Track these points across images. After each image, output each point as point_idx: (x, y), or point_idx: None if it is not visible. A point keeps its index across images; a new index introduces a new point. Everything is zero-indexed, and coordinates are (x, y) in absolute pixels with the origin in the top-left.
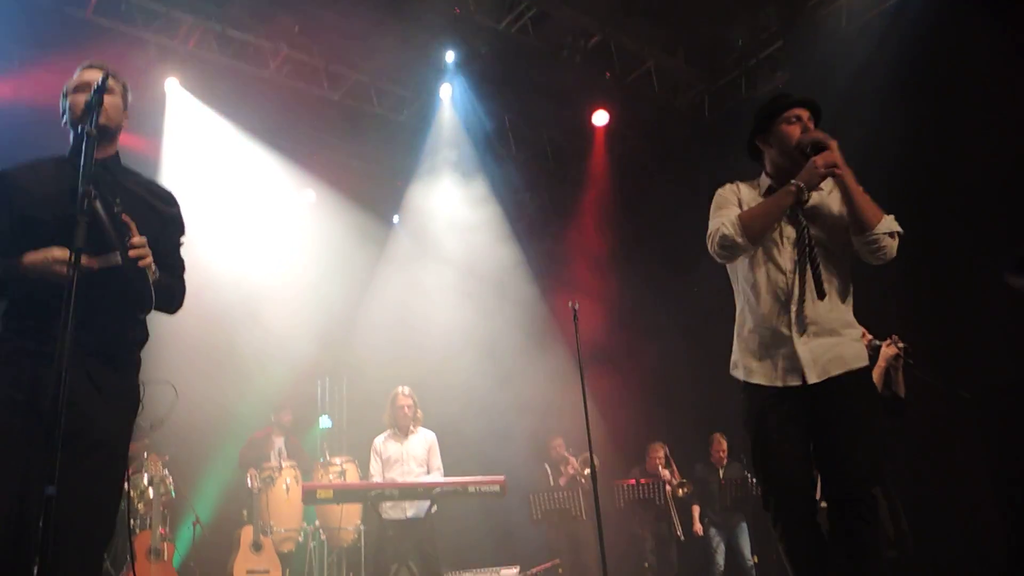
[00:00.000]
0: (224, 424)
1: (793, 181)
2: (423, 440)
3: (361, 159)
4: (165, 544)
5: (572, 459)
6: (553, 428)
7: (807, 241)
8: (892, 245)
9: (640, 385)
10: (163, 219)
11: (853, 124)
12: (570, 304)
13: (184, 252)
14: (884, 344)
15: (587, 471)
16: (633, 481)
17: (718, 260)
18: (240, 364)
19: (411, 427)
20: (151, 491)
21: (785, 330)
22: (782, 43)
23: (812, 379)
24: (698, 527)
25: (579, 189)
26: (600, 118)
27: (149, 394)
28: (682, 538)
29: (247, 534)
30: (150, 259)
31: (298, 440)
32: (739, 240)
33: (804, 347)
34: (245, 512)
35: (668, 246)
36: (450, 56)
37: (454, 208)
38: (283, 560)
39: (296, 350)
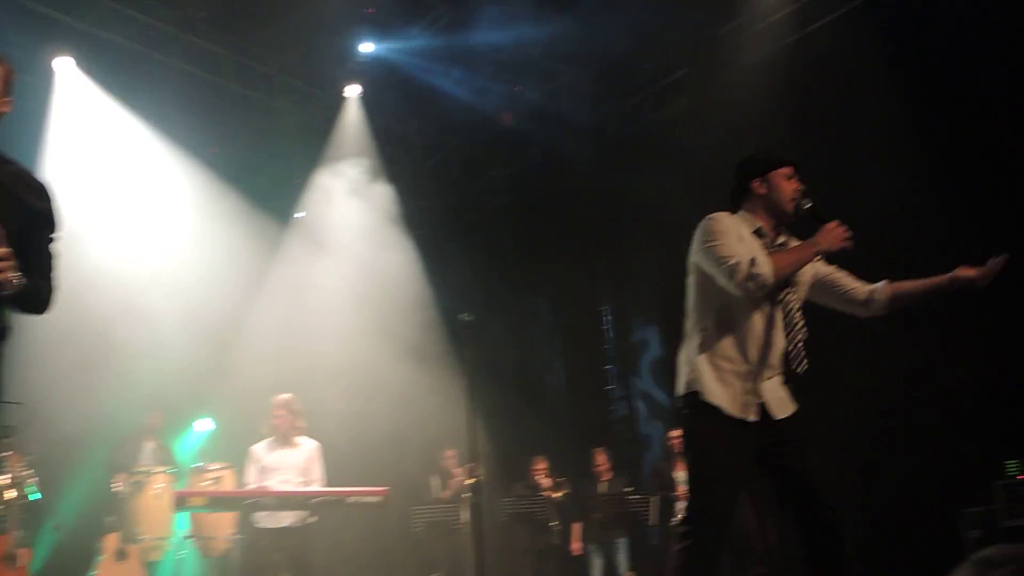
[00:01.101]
0: (95, 425)
1: (816, 241)
2: (304, 449)
3: (261, 154)
4: (22, 550)
5: (457, 471)
6: (445, 440)
7: (793, 292)
8: None
9: (527, 400)
10: (33, 214)
11: (747, 153)
12: (462, 316)
13: (62, 245)
14: None
15: (470, 482)
16: (516, 496)
17: (737, 291)
18: (116, 362)
19: (291, 436)
20: (11, 492)
21: (758, 369)
22: (688, 70)
23: (778, 416)
24: (576, 545)
25: (482, 200)
26: (505, 123)
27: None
28: (559, 528)
29: (111, 542)
30: (9, 274)
31: (171, 445)
32: (771, 282)
33: (765, 386)
34: (111, 518)
35: (566, 259)
36: (362, 52)
37: (353, 211)
38: (149, 570)
39: (178, 350)
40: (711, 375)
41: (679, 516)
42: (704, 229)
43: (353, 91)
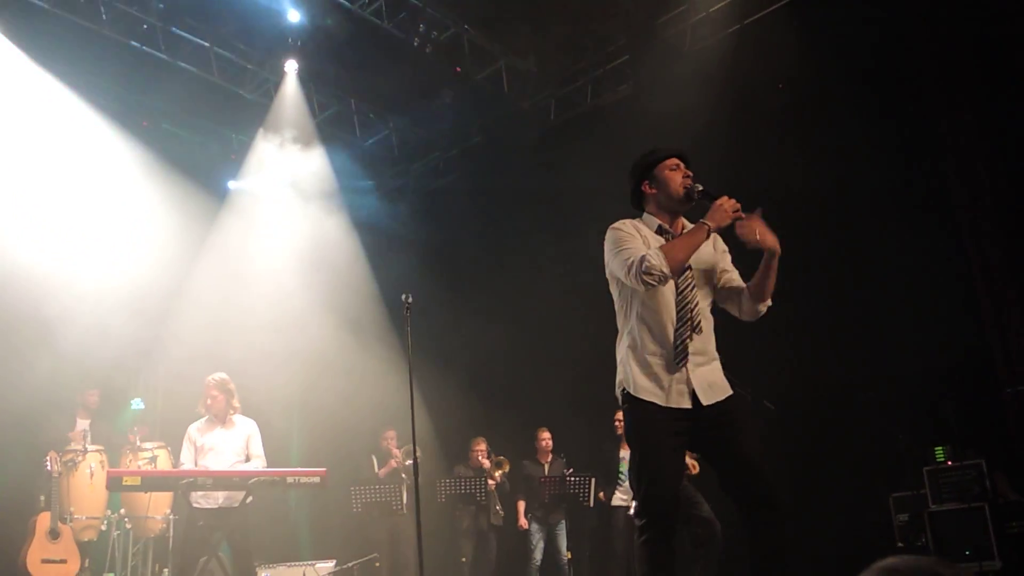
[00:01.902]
0: (27, 402)
1: (704, 221)
2: (241, 429)
3: (194, 130)
4: None
5: (397, 451)
6: (386, 420)
7: (690, 280)
8: None
9: (469, 381)
10: None
11: (686, 141)
12: (403, 297)
13: None
14: None
15: (409, 463)
16: (457, 476)
17: (639, 287)
18: (49, 339)
19: (228, 415)
20: None
21: (678, 358)
22: (628, 57)
23: (706, 402)
24: (523, 521)
25: (421, 180)
26: (443, 108)
27: None
28: (501, 514)
29: (43, 521)
30: None
31: (107, 423)
32: (665, 270)
33: (694, 374)
34: (43, 497)
35: (502, 244)
36: (296, 30)
37: (291, 190)
38: (83, 549)
39: (112, 327)
40: (639, 371)
41: (623, 501)
42: (609, 238)
43: (291, 67)
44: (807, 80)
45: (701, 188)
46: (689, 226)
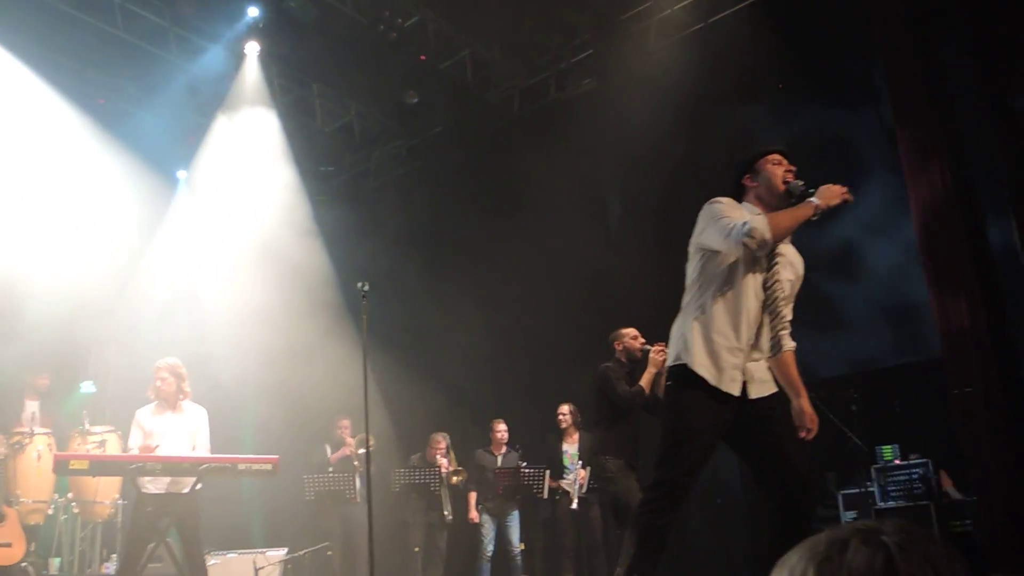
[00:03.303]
0: None
1: (813, 200)
2: (191, 415)
3: (150, 109)
4: None
5: (350, 440)
6: (341, 409)
7: (776, 278)
8: None
9: (426, 371)
10: None
11: (649, 137)
12: (359, 285)
13: None
14: (653, 349)
15: (362, 451)
16: (411, 466)
17: (737, 249)
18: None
19: (177, 401)
20: None
21: (747, 348)
22: (593, 51)
23: (754, 396)
24: (473, 514)
25: (383, 167)
26: (406, 96)
27: None
28: (450, 519)
29: None
30: None
31: (56, 406)
32: (767, 236)
33: (750, 365)
34: None
35: (462, 234)
36: (254, 11)
37: (249, 174)
38: (29, 533)
39: (61, 309)
40: (702, 348)
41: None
42: (707, 211)
43: (252, 49)
44: (769, 78)
45: (802, 184)
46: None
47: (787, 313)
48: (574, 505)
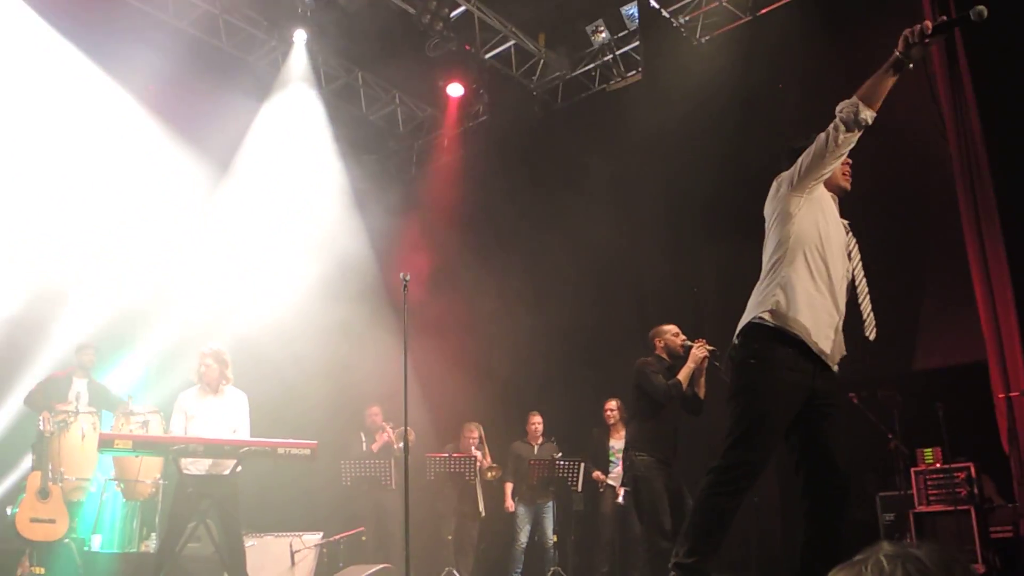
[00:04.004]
0: (23, 360)
1: (897, 52)
2: (232, 400)
3: (200, 96)
4: None
5: (388, 427)
6: (373, 397)
7: (857, 260)
8: None
9: (462, 362)
10: None
11: (693, 131)
12: (401, 275)
13: None
14: (695, 345)
15: (400, 444)
16: (446, 454)
17: (848, 136)
18: (48, 296)
19: (220, 386)
20: None
21: (838, 312)
22: (638, 44)
23: (832, 365)
24: (509, 503)
25: (425, 157)
26: (455, 90)
27: None
28: (483, 515)
29: (34, 480)
30: None
31: (101, 385)
32: (871, 107)
33: (837, 335)
34: (34, 457)
35: (505, 226)
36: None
37: (293, 161)
38: (72, 510)
39: (110, 290)
40: (803, 300)
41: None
42: (787, 174)
43: (300, 36)
44: (817, 75)
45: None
46: (844, 221)
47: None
48: (620, 499)
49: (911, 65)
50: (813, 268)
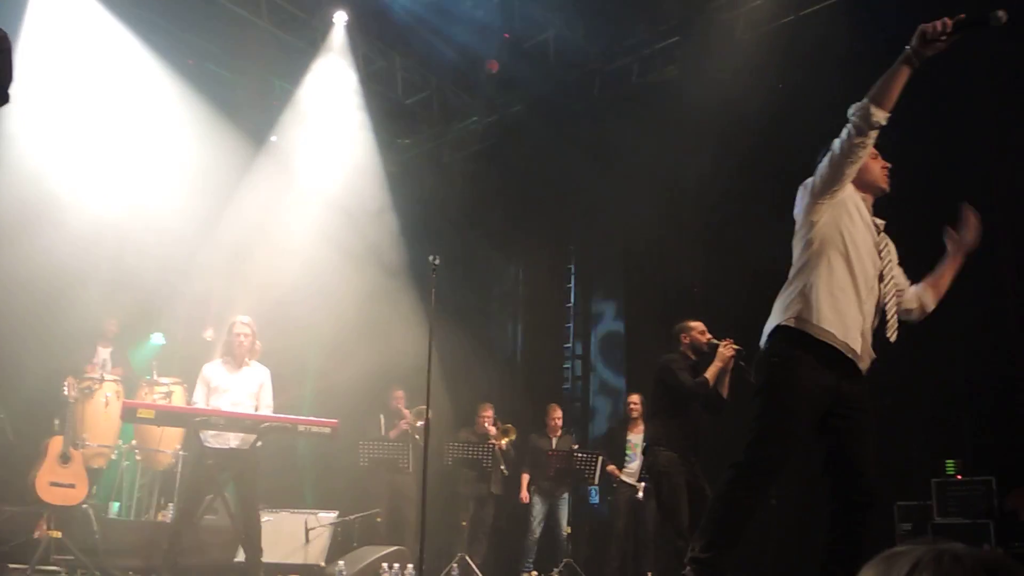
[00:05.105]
0: (47, 327)
1: (908, 47)
2: (256, 374)
3: (239, 73)
4: None
5: (407, 413)
6: (397, 379)
7: (885, 243)
8: None
9: (486, 350)
10: None
11: (730, 128)
12: (430, 258)
13: (27, 147)
14: (722, 344)
15: (420, 423)
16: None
17: (864, 141)
18: (73, 265)
19: (246, 359)
20: None
21: (867, 313)
22: (678, 39)
23: (861, 366)
24: (524, 495)
25: (459, 143)
26: (491, 68)
27: None
28: (499, 492)
29: (56, 445)
30: None
31: (127, 354)
32: (884, 108)
33: (865, 339)
34: (57, 421)
35: (535, 214)
36: None
37: (327, 140)
38: (92, 476)
39: (136, 260)
40: (828, 303)
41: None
42: (810, 182)
43: (340, 18)
44: (857, 78)
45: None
46: (878, 220)
47: (901, 281)
48: (640, 495)
49: (919, 64)
50: (838, 272)
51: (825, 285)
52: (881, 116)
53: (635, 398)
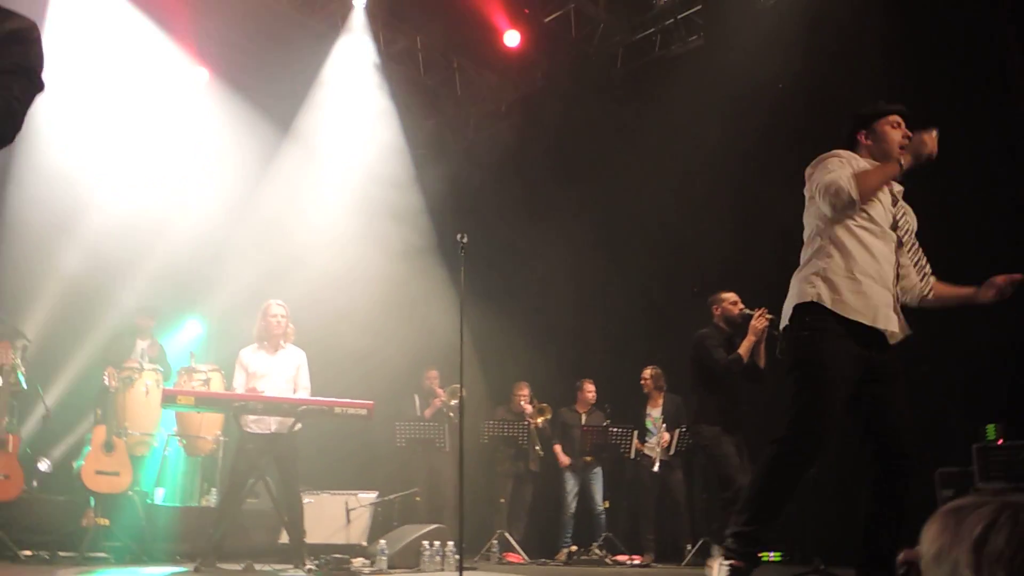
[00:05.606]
0: (88, 319)
1: (897, 156)
2: (292, 357)
3: (259, 57)
4: (10, 436)
5: (441, 392)
6: (429, 359)
7: (903, 212)
8: None
9: (518, 327)
10: None
11: (755, 99)
12: (459, 237)
13: (47, 130)
14: (755, 315)
15: (454, 402)
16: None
17: (828, 209)
18: (112, 257)
19: (281, 342)
20: None
21: (891, 285)
22: (701, 7)
23: (894, 340)
24: (563, 458)
25: (483, 121)
26: (511, 39)
27: None
28: (537, 469)
29: (99, 434)
30: None
31: (163, 344)
32: (855, 196)
33: (894, 309)
34: (99, 411)
35: (561, 191)
36: None
37: (352, 122)
38: (135, 464)
39: (169, 249)
40: (847, 286)
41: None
42: (822, 163)
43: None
44: (881, 49)
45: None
46: (897, 187)
47: (919, 254)
48: (656, 468)
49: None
50: (852, 250)
51: (838, 267)
52: (858, 199)
53: (646, 372)
